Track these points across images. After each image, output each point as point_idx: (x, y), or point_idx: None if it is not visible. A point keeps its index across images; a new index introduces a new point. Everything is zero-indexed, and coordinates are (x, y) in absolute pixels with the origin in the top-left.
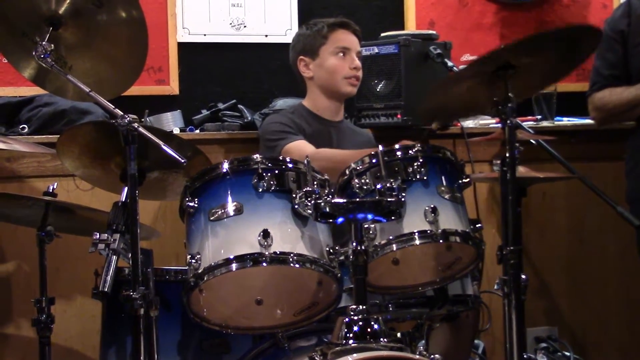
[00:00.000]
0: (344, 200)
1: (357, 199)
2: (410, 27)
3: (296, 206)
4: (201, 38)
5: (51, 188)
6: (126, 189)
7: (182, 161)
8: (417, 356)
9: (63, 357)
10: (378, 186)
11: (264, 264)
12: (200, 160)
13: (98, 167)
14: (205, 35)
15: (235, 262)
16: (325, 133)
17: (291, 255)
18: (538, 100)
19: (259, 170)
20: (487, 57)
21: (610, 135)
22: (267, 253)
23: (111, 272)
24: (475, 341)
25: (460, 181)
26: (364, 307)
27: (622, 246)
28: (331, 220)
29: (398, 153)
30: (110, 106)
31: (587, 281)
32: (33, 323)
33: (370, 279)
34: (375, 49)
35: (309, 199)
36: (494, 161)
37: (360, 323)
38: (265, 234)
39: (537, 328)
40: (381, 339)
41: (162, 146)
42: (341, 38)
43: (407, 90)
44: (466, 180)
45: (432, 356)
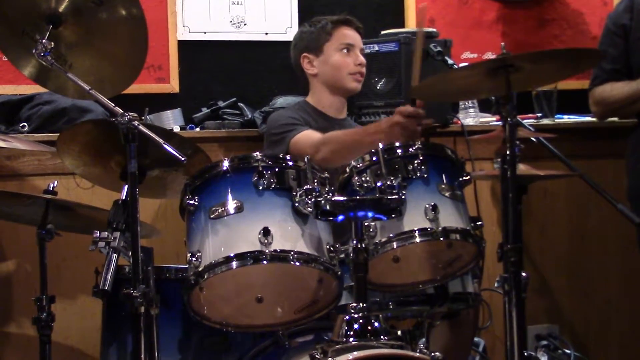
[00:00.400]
0: (345, 198)
1: (358, 197)
2: (410, 25)
3: (296, 204)
4: (201, 36)
5: (51, 186)
6: (126, 187)
7: (182, 159)
8: (418, 354)
9: (63, 356)
10: (378, 184)
11: (265, 262)
12: (200, 158)
13: (98, 166)
14: (205, 33)
15: (235, 260)
16: (329, 130)
17: (292, 253)
18: (538, 98)
19: (259, 168)
20: (489, 62)
21: (611, 132)
22: (268, 251)
23: (111, 271)
24: (475, 339)
25: (460, 179)
26: (365, 305)
27: (623, 244)
28: (331, 218)
29: (398, 151)
30: (110, 104)
31: (588, 279)
32: (33, 321)
33: (370, 277)
34: (375, 47)
35: (310, 197)
36: (495, 159)
37: (360, 321)
38: (265, 232)
39: (538, 326)
40: (382, 337)
41: (163, 144)
42: (345, 34)
43: (408, 88)
44: (466, 177)
45: (433, 354)
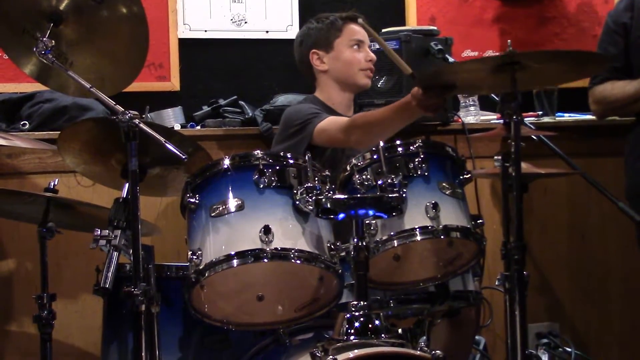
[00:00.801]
0: (345, 196)
1: (358, 195)
2: (411, 23)
3: (297, 202)
4: (202, 34)
5: (52, 184)
6: (127, 185)
7: (183, 157)
8: (419, 352)
9: (64, 354)
10: (379, 182)
11: (265, 260)
12: (201, 156)
13: (99, 164)
14: (206, 31)
15: (236, 258)
16: None
17: (292, 251)
18: (539, 96)
19: (260, 166)
20: (496, 58)
21: (611, 130)
22: (268, 249)
23: (112, 269)
24: (476, 337)
25: (461, 177)
26: (365, 303)
27: (624, 242)
28: (332, 216)
29: (399, 149)
30: (111, 102)
31: (589, 277)
32: (34, 319)
33: (371, 275)
34: (376, 45)
35: (310, 195)
36: (495, 157)
37: (361, 319)
38: (266, 230)
39: (539, 324)
40: (382, 335)
41: (163, 142)
42: (355, 30)
43: (408, 86)
44: (467, 176)
45: (434, 352)
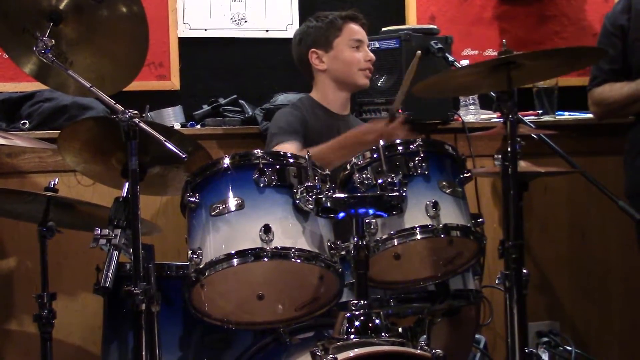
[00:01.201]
0: (345, 195)
1: (359, 194)
2: (411, 22)
3: (297, 201)
4: (202, 33)
5: (52, 183)
6: (127, 185)
7: (183, 156)
8: (419, 351)
9: (65, 353)
10: (379, 181)
11: (266, 259)
12: (201, 155)
13: (99, 163)
14: (206, 30)
15: (236, 257)
16: (333, 126)
17: (292, 250)
18: (539, 94)
19: (260, 165)
20: (490, 62)
21: (611, 129)
22: (269, 248)
23: (112, 268)
24: (476, 336)
25: (461, 176)
26: (366, 302)
27: (624, 240)
28: (332, 215)
29: (399, 148)
30: (111, 102)
31: (589, 275)
32: (34, 319)
33: (371, 274)
34: (376, 44)
35: (310, 194)
36: (495, 156)
37: (361, 318)
38: (266, 229)
39: (539, 322)
40: (382, 334)
41: (163, 141)
42: (355, 30)
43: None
44: (467, 174)
45: (434, 351)
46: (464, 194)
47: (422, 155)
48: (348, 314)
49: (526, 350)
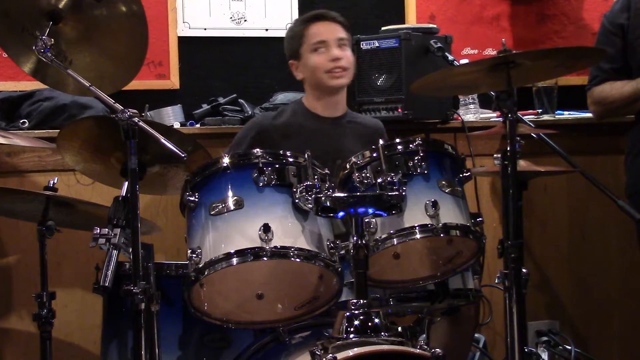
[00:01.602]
0: (345, 194)
1: (358, 193)
2: (410, 21)
3: (297, 200)
4: (201, 32)
5: (52, 183)
6: (127, 184)
7: (183, 156)
8: (418, 350)
9: (64, 352)
10: (379, 180)
11: (265, 259)
12: (200, 154)
13: (98, 162)
14: (205, 29)
15: (236, 257)
16: (321, 130)
17: (292, 249)
18: (539, 93)
19: (260, 164)
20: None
21: (611, 129)
22: (268, 247)
23: (112, 267)
24: (476, 335)
25: (461, 175)
26: (365, 301)
27: (623, 240)
28: (332, 214)
29: (399, 147)
30: (110, 101)
31: (588, 275)
32: (34, 318)
33: (371, 273)
34: (375, 43)
35: (310, 193)
36: (495, 155)
37: (361, 317)
38: (265, 229)
39: (539, 322)
40: (382, 333)
41: (163, 141)
42: (315, 32)
43: (408, 84)
44: (467, 174)
45: (433, 350)
46: (464, 193)
47: (422, 154)
48: (347, 313)
49: (526, 349)
